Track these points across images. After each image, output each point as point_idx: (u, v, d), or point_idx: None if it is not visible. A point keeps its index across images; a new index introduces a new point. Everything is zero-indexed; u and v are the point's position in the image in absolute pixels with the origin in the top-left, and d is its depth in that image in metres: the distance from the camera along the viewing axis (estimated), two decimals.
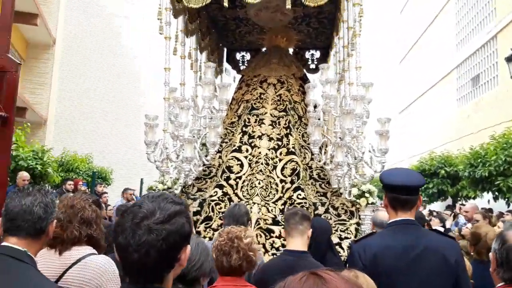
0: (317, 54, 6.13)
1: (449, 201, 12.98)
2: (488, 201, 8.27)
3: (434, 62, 19.65)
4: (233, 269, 1.88)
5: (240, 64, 6.20)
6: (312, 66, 6.03)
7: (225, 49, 6.30)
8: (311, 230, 2.34)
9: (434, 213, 8.37)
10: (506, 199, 7.23)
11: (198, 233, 3.62)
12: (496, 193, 7.47)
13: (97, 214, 1.95)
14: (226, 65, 6.41)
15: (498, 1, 13.88)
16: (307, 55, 6.14)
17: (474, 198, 10.65)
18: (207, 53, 5.63)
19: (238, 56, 6.29)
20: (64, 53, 14.46)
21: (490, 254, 1.50)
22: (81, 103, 15.42)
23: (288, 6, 3.76)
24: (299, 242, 2.27)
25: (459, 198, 12.23)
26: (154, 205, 1.05)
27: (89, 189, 8.42)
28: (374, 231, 1.97)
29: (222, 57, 6.26)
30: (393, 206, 1.91)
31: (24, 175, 5.80)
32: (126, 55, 16.55)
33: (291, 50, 5.91)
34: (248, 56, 6.20)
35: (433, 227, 6.62)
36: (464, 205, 10.35)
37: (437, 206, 13.60)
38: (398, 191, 1.89)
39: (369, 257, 1.82)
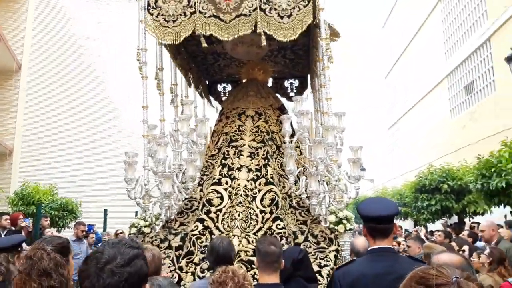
0: (296, 82, 6.89)
1: (454, 219, 12.64)
2: (505, 216, 8.14)
3: (423, 73, 20.07)
4: None
5: (222, 95, 6.86)
6: (292, 94, 6.76)
7: (207, 82, 6.94)
8: (283, 261, 2.73)
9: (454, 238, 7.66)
10: None
11: (180, 268, 4.16)
12: None
13: (56, 262, 2.00)
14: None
15: (489, 2, 14.15)
16: (286, 83, 6.88)
17: (482, 214, 10.77)
18: (194, 87, 6.28)
19: (220, 87, 6.96)
20: (31, 80, 14.79)
21: None
22: (49, 132, 15.65)
23: (264, 43, 4.44)
24: (272, 275, 2.60)
25: (465, 215, 11.85)
26: (114, 251, 1.34)
27: (33, 224, 8.21)
28: (355, 258, 2.50)
29: (206, 90, 6.89)
30: (371, 235, 2.36)
31: None
32: (99, 81, 16.84)
33: (270, 80, 6.62)
34: (229, 87, 6.85)
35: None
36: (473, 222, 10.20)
37: (440, 225, 13.76)
38: (375, 221, 2.32)
39: (347, 283, 2.21)
